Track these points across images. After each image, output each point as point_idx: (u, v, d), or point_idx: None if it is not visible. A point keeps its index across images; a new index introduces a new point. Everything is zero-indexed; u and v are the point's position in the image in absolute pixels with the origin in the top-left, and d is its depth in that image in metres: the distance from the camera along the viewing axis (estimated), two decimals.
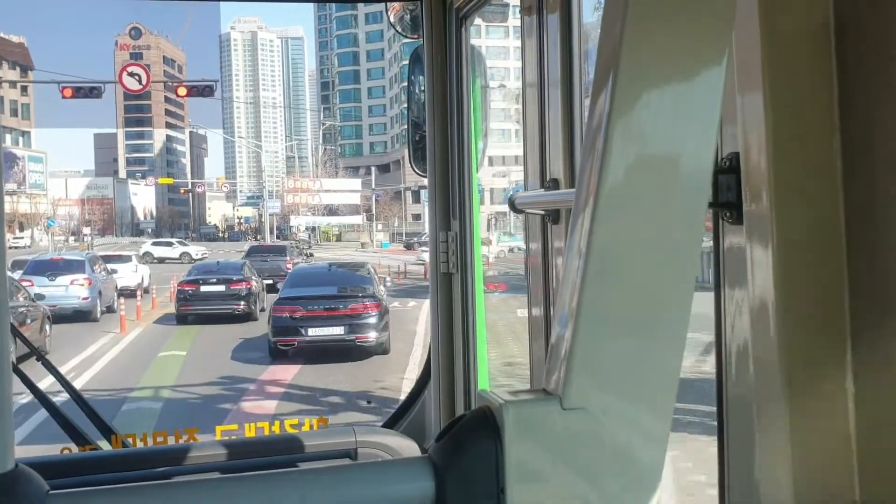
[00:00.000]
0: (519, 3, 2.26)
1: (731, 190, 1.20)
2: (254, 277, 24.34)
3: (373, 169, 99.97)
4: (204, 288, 22.83)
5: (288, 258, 32.68)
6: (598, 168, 1.04)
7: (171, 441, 2.50)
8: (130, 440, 2.54)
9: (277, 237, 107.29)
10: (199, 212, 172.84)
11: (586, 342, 1.05)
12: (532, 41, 2.23)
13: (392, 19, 2.84)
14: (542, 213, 2.20)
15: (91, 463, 2.35)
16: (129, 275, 28.80)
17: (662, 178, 1.08)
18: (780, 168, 1.09)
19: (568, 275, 1.11)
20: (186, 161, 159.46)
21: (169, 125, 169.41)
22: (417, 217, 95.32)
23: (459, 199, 2.60)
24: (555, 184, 2.11)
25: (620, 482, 1.08)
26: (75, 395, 2.71)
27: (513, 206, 2.28)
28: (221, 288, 22.78)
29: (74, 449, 2.50)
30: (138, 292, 26.43)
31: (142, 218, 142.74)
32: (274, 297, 19.09)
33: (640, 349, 1.09)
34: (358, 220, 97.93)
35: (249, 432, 2.56)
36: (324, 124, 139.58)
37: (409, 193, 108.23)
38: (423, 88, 2.67)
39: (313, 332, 16.16)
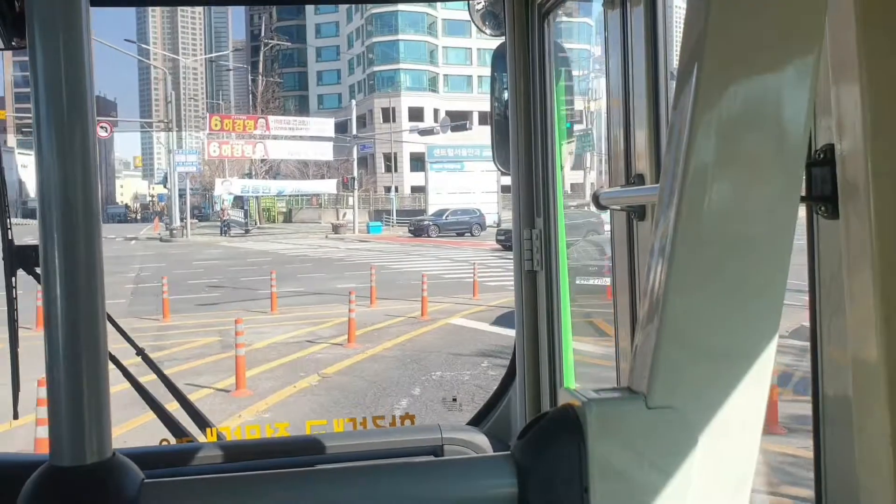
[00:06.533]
0: None
1: (826, 183, 1.27)
2: None
3: (353, 104, 72.03)
4: None
5: None
6: (682, 163, 1.14)
7: (263, 434, 2.89)
8: (225, 433, 2.95)
9: (197, 217, 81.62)
10: (107, 189, 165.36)
11: (672, 340, 1.16)
12: (615, 34, 2.40)
13: (474, 17, 3.10)
14: (627, 209, 2.36)
15: (185, 454, 2.67)
16: None
17: (751, 172, 1.17)
18: (878, 159, 1.12)
19: (653, 272, 1.21)
20: None
21: None
22: (389, 190, 77.48)
23: (543, 196, 2.87)
24: (640, 179, 2.28)
25: (708, 483, 1.18)
26: (174, 389, 3.10)
27: (597, 203, 2.43)
28: None
29: (172, 441, 2.88)
30: None
31: (32, 195, 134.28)
32: None
33: (728, 347, 1.18)
34: (327, 186, 70.55)
35: (338, 427, 2.94)
36: (266, 44, 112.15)
37: (381, 158, 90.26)
38: (506, 86, 2.96)
39: None
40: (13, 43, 2.42)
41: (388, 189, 78.57)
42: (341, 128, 70.81)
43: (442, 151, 71.08)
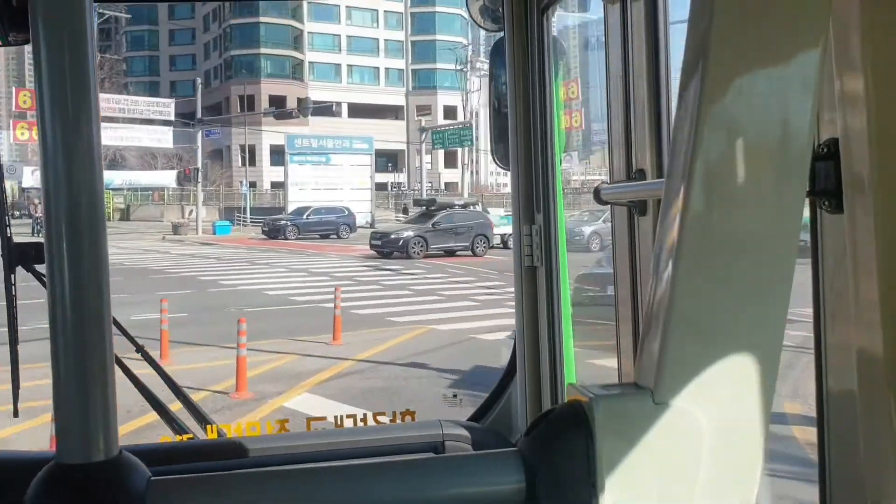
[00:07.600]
0: None
1: (830, 177, 1.28)
2: None
3: (198, 82, 62.08)
4: None
5: None
6: (688, 158, 1.16)
7: (263, 431, 2.86)
8: (225, 430, 2.90)
9: (18, 214, 78.94)
10: None
11: (679, 336, 1.18)
12: (616, 29, 2.40)
13: (472, 12, 3.09)
14: (629, 204, 2.39)
15: (188, 451, 2.67)
16: None
17: (757, 167, 1.18)
18: (882, 153, 1.13)
19: (658, 267, 1.22)
20: None
21: None
22: (246, 185, 67.12)
23: (543, 192, 2.88)
24: (641, 174, 2.31)
25: (716, 479, 1.19)
26: (174, 387, 3.07)
27: (598, 198, 2.47)
28: None
29: (172, 438, 2.87)
30: None
31: None
32: None
33: (735, 342, 1.19)
34: (166, 178, 63.49)
35: (338, 424, 2.93)
36: (102, 15, 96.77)
37: (237, 150, 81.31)
38: (504, 81, 2.96)
39: None
40: (10, 39, 2.37)
41: (243, 184, 69.44)
42: (193, 116, 61.18)
43: (304, 142, 62.64)
